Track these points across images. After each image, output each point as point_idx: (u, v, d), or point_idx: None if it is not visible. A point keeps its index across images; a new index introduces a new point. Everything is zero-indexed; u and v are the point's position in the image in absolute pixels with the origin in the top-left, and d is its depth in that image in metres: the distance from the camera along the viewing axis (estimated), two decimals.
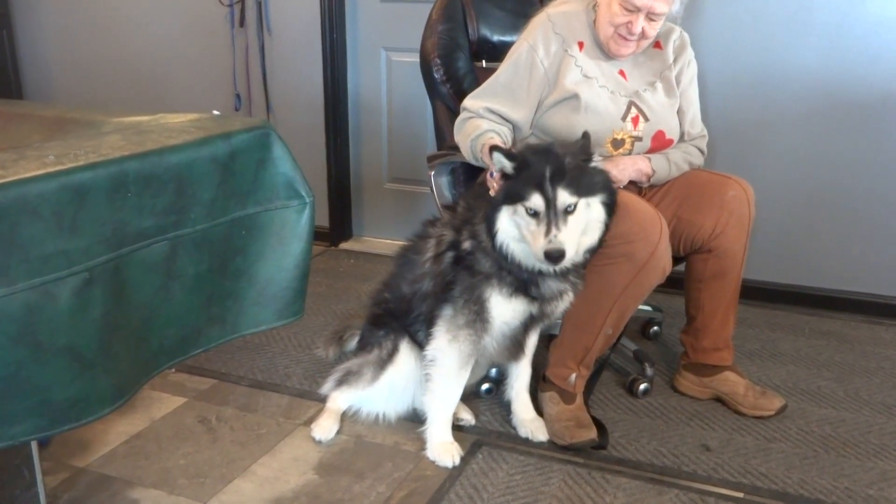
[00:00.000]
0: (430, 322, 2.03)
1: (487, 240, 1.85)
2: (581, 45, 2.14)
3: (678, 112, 2.20)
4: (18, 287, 1.03)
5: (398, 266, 2.18)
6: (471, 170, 2.23)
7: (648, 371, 2.33)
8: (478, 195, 1.95)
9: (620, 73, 2.16)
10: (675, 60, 2.20)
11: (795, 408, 2.24)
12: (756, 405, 2.17)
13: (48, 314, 1.07)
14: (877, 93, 2.72)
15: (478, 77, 2.42)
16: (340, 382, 2.13)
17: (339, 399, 2.14)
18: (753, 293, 2.91)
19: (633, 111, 2.11)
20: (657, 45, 2.20)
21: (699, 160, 2.25)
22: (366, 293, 2.92)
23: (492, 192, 1.83)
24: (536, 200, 1.73)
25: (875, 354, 2.59)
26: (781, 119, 2.85)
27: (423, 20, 2.48)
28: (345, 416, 2.16)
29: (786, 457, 2.01)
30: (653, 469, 1.96)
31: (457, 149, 2.24)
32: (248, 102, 3.67)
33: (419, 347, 2.05)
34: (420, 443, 2.05)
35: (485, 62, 2.51)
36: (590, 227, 1.82)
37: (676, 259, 2.13)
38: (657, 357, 2.52)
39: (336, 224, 3.65)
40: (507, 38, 2.45)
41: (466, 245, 1.92)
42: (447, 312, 1.96)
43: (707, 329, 2.21)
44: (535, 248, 1.74)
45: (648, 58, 2.20)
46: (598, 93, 2.10)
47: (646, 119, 2.12)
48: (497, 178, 1.81)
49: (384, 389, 2.07)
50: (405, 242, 2.20)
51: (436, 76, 2.41)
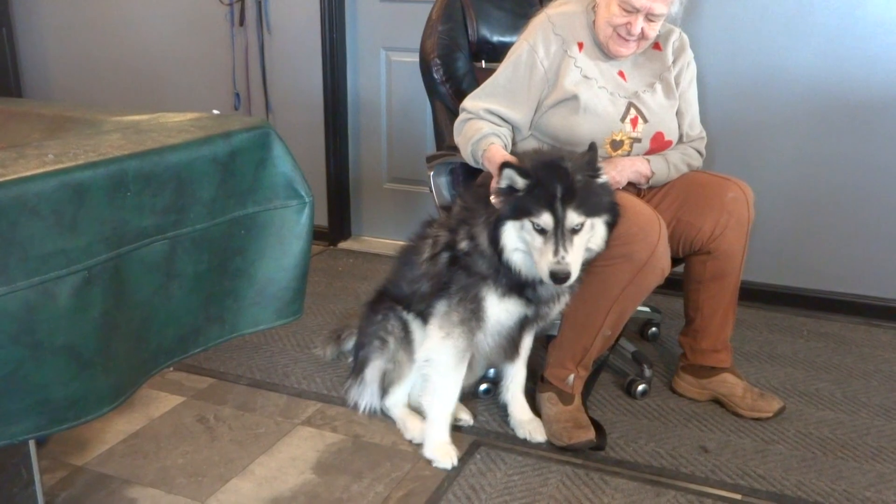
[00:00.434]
0: (426, 319, 2.04)
1: (490, 250, 1.85)
2: (581, 46, 2.14)
3: (677, 113, 2.20)
4: (18, 286, 1.03)
5: (399, 265, 2.18)
6: (470, 170, 2.23)
7: (647, 372, 2.33)
8: (476, 196, 1.95)
9: (620, 75, 2.16)
10: (675, 62, 2.20)
11: (793, 410, 2.24)
12: (754, 407, 2.17)
13: (47, 313, 1.07)
14: (876, 95, 2.72)
15: (477, 77, 2.42)
16: (385, 387, 2.10)
17: (399, 398, 2.10)
18: (752, 295, 2.92)
19: (632, 112, 2.11)
20: (657, 47, 2.21)
21: (698, 162, 2.25)
22: (364, 293, 2.92)
23: (493, 199, 1.83)
24: (546, 219, 1.74)
25: (873, 357, 2.59)
26: (781, 121, 2.85)
27: (423, 20, 2.48)
28: (343, 417, 2.16)
29: (784, 459, 2.01)
30: (651, 470, 1.96)
31: (456, 149, 2.24)
32: (248, 102, 3.67)
33: (415, 312, 2.08)
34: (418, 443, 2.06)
35: (484, 62, 2.51)
36: (591, 244, 1.83)
37: (675, 260, 2.13)
38: (655, 358, 2.53)
39: (335, 224, 3.65)
40: (507, 39, 2.45)
41: (463, 246, 1.92)
42: (441, 309, 1.97)
43: (706, 331, 2.21)
44: (541, 266, 1.75)
45: (648, 59, 2.20)
46: (598, 94, 2.10)
47: (645, 120, 2.12)
48: (497, 195, 1.82)
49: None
50: (405, 242, 2.21)
51: (435, 76, 2.41)
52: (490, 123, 2.09)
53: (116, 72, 3.93)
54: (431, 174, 2.36)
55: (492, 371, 2.27)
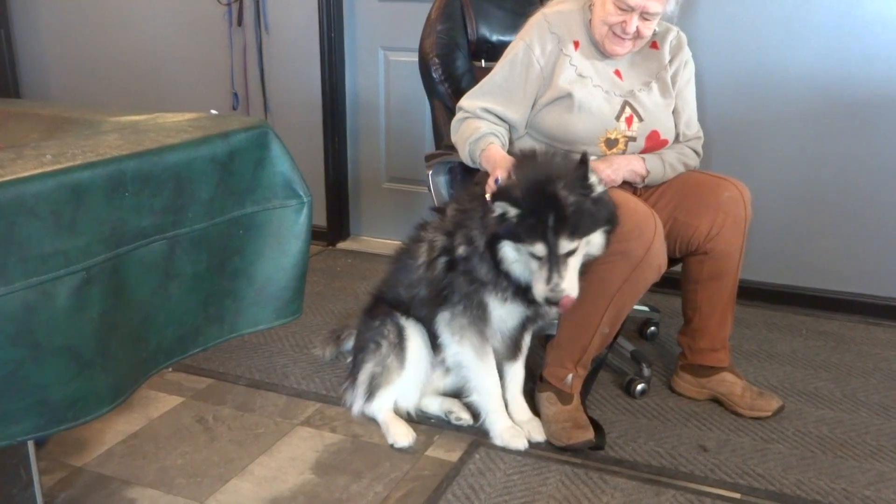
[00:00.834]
0: (426, 324, 2.06)
1: (489, 259, 1.86)
2: (577, 45, 2.14)
3: (673, 112, 2.20)
4: (16, 286, 1.03)
5: (394, 268, 2.19)
6: (468, 169, 2.23)
7: (646, 371, 2.33)
8: (471, 196, 1.95)
9: (616, 73, 2.16)
10: (672, 60, 2.20)
11: (793, 408, 2.24)
12: (753, 406, 2.17)
13: (46, 313, 1.07)
14: (874, 93, 2.72)
15: (476, 77, 2.42)
16: (373, 389, 2.10)
17: (384, 402, 2.10)
18: (750, 294, 2.92)
19: (627, 111, 2.11)
20: (654, 46, 2.21)
21: (694, 161, 2.25)
22: (363, 292, 2.92)
23: (488, 196, 1.83)
24: (539, 248, 1.75)
25: (872, 355, 2.60)
26: (778, 120, 2.85)
27: (422, 20, 2.48)
28: (342, 417, 2.16)
29: (783, 457, 2.01)
30: (650, 470, 1.96)
31: (454, 148, 2.24)
32: (246, 102, 3.66)
33: (414, 317, 2.09)
34: (418, 442, 2.05)
35: (483, 62, 2.51)
36: (590, 250, 1.84)
37: (673, 260, 2.13)
38: (654, 358, 2.53)
39: (334, 223, 3.65)
40: (506, 38, 2.45)
41: (461, 251, 1.93)
42: (445, 317, 2.01)
43: (704, 330, 2.21)
44: (537, 291, 1.79)
45: (644, 58, 2.20)
46: (592, 92, 2.10)
47: (640, 119, 2.12)
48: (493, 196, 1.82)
49: (415, 369, 2.08)
50: (400, 244, 2.21)
51: (434, 76, 2.41)
52: (487, 122, 2.09)
53: (115, 72, 3.93)
54: (430, 173, 2.37)
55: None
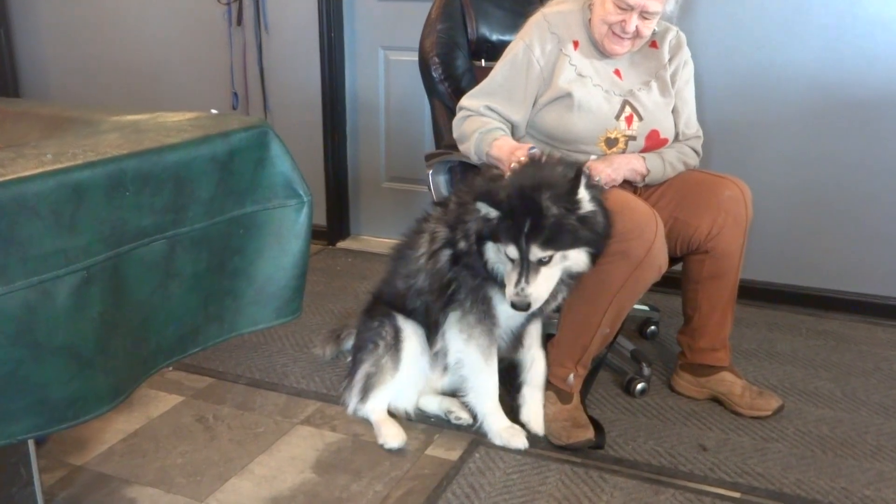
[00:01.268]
0: (431, 320, 2.06)
1: (482, 265, 1.90)
2: (576, 45, 2.14)
3: (673, 112, 2.20)
4: (17, 286, 1.03)
5: (393, 261, 2.20)
6: (468, 168, 2.23)
7: (645, 371, 2.33)
8: (471, 189, 1.96)
9: (616, 73, 2.16)
10: (671, 60, 2.21)
11: (792, 408, 2.24)
12: (753, 405, 2.17)
13: (46, 313, 1.07)
14: (874, 93, 2.72)
15: (476, 76, 2.43)
16: (367, 389, 2.09)
17: (377, 404, 2.09)
18: (751, 293, 2.91)
19: (627, 110, 2.12)
20: (653, 45, 2.21)
21: (694, 160, 2.25)
22: (363, 292, 2.92)
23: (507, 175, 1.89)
24: (511, 251, 1.78)
25: (872, 355, 2.60)
26: (778, 119, 2.85)
27: (422, 19, 2.48)
28: (342, 416, 2.16)
29: (783, 457, 2.01)
30: (650, 469, 1.96)
31: (455, 147, 2.24)
32: (246, 101, 3.66)
33: (413, 319, 2.10)
34: (417, 442, 2.06)
35: (483, 61, 2.51)
36: (572, 267, 1.85)
37: (673, 259, 2.13)
38: (654, 357, 2.53)
39: (334, 223, 3.65)
40: (506, 38, 2.45)
41: (462, 246, 1.93)
42: (456, 315, 2.01)
43: (704, 329, 2.21)
44: (507, 292, 1.82)
45: (644, 57, 2.20)
46: (592, 91, 2.10)
47: (640, 118, 2.12)
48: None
49: (410, 370, 2.08)
50: (400, 239, 2.21)
51: (434, 75, 2.41)
52: (499, 125, 2.11)
53: (114, 71, 3.93)
54: (430, 173, 2.36)
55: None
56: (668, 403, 2.26)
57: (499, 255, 1.84)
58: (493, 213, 1.79)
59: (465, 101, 2.17)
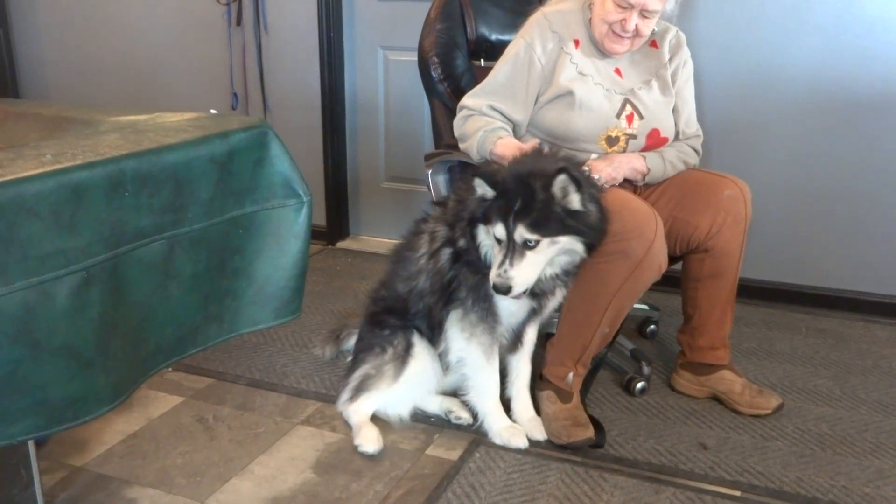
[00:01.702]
0: (434, 321, 2.06)
1: (473, 248, 1.91)
2: (577, 43, 2.14)
3: (673, 111, 2.21)
4: (16, 286, 1.03)
5: (393, 264, 2.19)
6: (468, 168, 2.23)
7: (645, 370, 2.33)
8: (470, 187, 1.96)
9: (616, 71, 2.16)
10: (671, 59, 2.21)
11: (792, 406, 2.24)
12: (753, 404, 2.17)
13: (46, 313, 1.07)
14: (873, 92, 2.72)
15: (476, 76, 2.43)
16: (359, 390, 2.09)
17: (363, 407, 2.08)
18: (750, 292, 2.92)
19: (628, 109, 2.12)
20: (653, 44, 2.21)
21: (694, 159, 2.25)
22: (363, 292, 2.92)
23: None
24: (499, 230, 1.79)
25: (871, 353, 2.60)
26: (778, 118, 2.86)
27: (421, 19, 2.48)
28: (342, 416, 2.16)
29: (783, 455, 2.01)
30: (650, 467, 1.96)
31: (455, 147, 2.24)
32: (245, 101, 3.66)
33: (428, 339, 2.09)
34: (418, 441, 2.06)
35: (483, 61, 2.51)
36: (559, 261, 1.86)
37: (673, 258, 2.13)
38: (654, 356, 2.53)
39: (333, 223, 3.65)
40: (506, 37, 2.45)
41: (462, 243, 1.94)
42: (458, 314, 2.01)
43: (704, 328, 2.21)
44: (490, 274, 1.81)
45: (645, 56, 2.20)
46: (593, 90, 2.10)
47: (640, 117, 2.12)
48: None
49: (408, 385, 2.07)
50: (399, 241, 2.21)
51: (433, 75, 2.41)
52: (503, 124, 2.11)
53: (114, 72, 3.93)
54: (430, 172, 2.36)
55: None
56: (668, 402, 2.26)
57: (487, 238, 1.85)
58: (489, 193, 1.81)
59: (467, 101, 2.17)
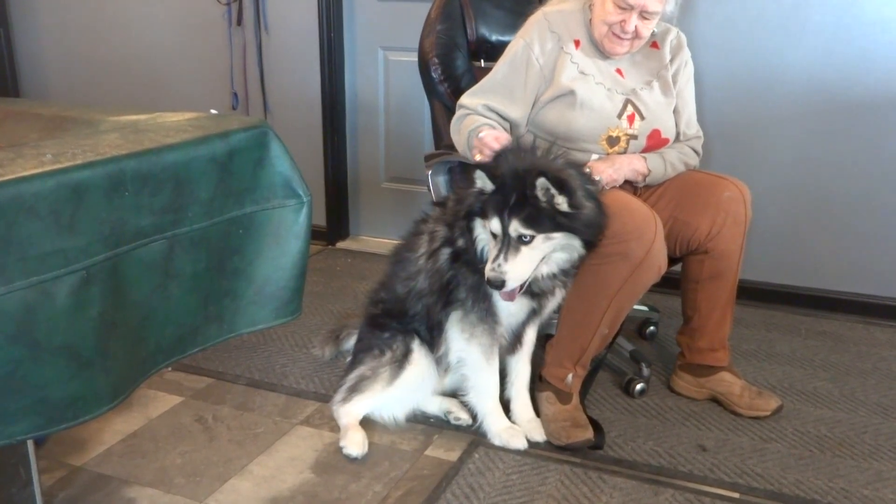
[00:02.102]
0: (433, 322, 2.06)
1: (470, 243, 1.91)
2: (577, 44, 2.14)
3: (674, 112, 2.21)
4: (16, 286, 1.03)
5: (392, 265, 2.19)
6: (467, 169, 2.23)
7: (645, 371, 2.33)
8: (469, 186, 1.96)
9: (617, 72, 2.16)
10: (672, 60, 2.21)
11: (791, 408, 2.24)
12: (752, 405, 2.17)
13: (46, 313, 1.07)
14: (873, 94, 2.72)
15: (476, 76, 2.42)
16: (352, 391, 2.08)
17: (355, 408, 2.08)
18: (750, 293, 2.92)
19: (629, 109, 2.12)
20: (654, 45, 2.21)
21: (695, 161, 2.25)
22: (362, 292, 2.92)
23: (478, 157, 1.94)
24: (495, 224, 1.80)
25: (871, 355, 2.60)
26: (778, 120, 2.86)
27: (421, 20, 2.48)
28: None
29: (782, 457, 2.01)
30: (649, 469, 1.96)
31: (454, 148, 2.24)
32: (246, 101, 3.66)
33: (427, 345, 2.09)
34: (417, 442, 2.06)
35: (483, 61, 2.51)
36: (557, 259, 1.87)
37: (673, 260, 2.13)
38: (653, 357, 2.53)
39: (333, 223, 3.65)
40: (506, 38, 2.45)
41: (461, 243, 1.94)
42: (458, 314, 2.01)
43: (703, 329, 2.21)
44: (485, 269, 1.81)
45: (645, 57, 2.20)
46: (595, 90, 2.10)
47: (641, 117, 2.12)
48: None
49: (403, 390, 2.07)
50: (398, 242, 2.21)
51: (433, 75, 2.41)
52: (489, 120, 2.11)
53: (114, 71, 3.93)
54: (429, 173, 2.36)
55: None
56: (668, 404, 2.26)
57: (484, 233, 1.86)
58: (489, 187, 1.81)
59: (464, 100, 2.17)
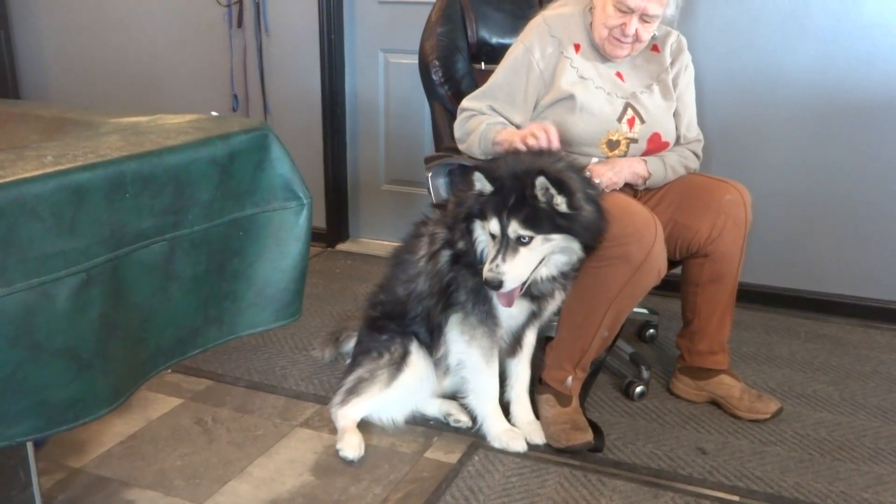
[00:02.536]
0: (433, 325, 2.06)
1: (469, 244, 1.91)
2: (577, 48, 2.15)
3: (674, 115, 2.21)
4: (16, 287, 1.03)
5: (392, 268, 2.19)
6: (468, 171, 2.23)
7: (644, 374, 2.33)
8: (469, 188, 1.96)
9: (617, 75, 2.16)
10: (672, 63, 2.21)
11: (791, 411, 2.24)
12: (752, 408, 2.17)
13: (46, 315, 1.07)
14: (873, 96, 2.72)
15: (476, 79, 2.43)
16: (350, 393, 2.08)
17: (353, 411, 2.07)
18: (750, 296, 2.92)
19: (629, 112, 2.12)
20: (654, 49, 2.21)
21: (695, 164, 2.25)
22: (362, 294, 2.92)
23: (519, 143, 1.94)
24: (493, 225, 1.80)
25: (870, 358, 2.60)
26: (778, 123, 2.86)
27: (422, 22, 2.48)
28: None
29: (781, 460, 2.01)
30: (648, 472, 1.96)
31: (455, 150, 2.24)
32: (246, 103, 3.67)
33: (426, 348, 2.08)
34: (416, 444, 2.06)
35: (483, 64, 2.51)
36: (556, 261, 1.87)
37: (673, 263, 2.13)
38: (653, 360, 2.53)
39: (333, 225, 3.65)
40: (506, 41, 2.45)
41: (461, 245, 1.94)
42: (458, 317, 2.01)
43: (703, 332, 2.21)
44: (483, 270, 1.81)
45: (646, 60, 2.20)
46: (594, 93, 2.11)
47: (641, 121, 2.12)
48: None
49: (401, 392, 2.06)
50: (398, 244, 2.21)
51: (434, 78, 2.42)
52: (501, 119, 2.12)
53: (115, 73, 3.93)
54: (430, 175, 2.37)
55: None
56: (667, 407, 2.26)
57: (484, 233, 1.86)
58: (488, 188, 1.81)
59: (467, 103, 2.18)
